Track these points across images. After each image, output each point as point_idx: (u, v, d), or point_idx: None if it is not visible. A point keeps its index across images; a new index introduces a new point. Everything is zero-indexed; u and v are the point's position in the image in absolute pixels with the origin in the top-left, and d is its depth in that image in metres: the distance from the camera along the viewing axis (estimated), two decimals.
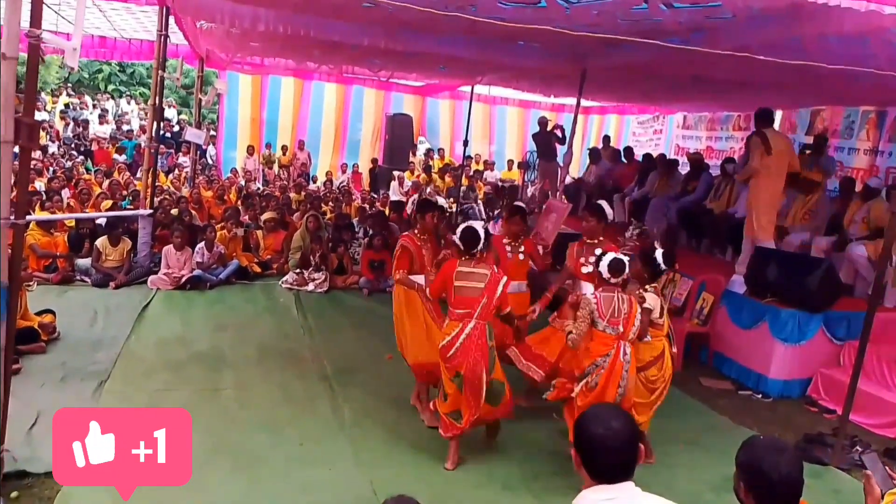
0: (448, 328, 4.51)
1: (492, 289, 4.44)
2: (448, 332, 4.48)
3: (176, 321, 7.23)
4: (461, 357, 4.41)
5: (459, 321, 4.44)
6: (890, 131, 9.46)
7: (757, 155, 6.78)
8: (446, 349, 4.45)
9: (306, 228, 9.35)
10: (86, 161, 14.98)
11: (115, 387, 5.40)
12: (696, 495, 4.46)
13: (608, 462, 1.94)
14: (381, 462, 4.57)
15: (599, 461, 1.94)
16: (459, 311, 4.45)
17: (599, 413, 2.05)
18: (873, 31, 4.51)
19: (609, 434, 1.93)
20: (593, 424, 1.97)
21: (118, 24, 10.50)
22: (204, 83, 13.23)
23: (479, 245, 4.53)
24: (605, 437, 1.93)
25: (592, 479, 1.94)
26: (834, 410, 5.94)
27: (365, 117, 16.53)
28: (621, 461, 1.94)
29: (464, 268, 4.50)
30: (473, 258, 4.53)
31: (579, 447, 1.98)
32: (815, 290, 6.33)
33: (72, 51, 3.81)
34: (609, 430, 1.94)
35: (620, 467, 1.94)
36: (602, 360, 4.27)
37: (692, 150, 13.21)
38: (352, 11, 6.46)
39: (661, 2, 4.93)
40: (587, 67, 8.39)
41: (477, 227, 4.58)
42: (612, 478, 1.92)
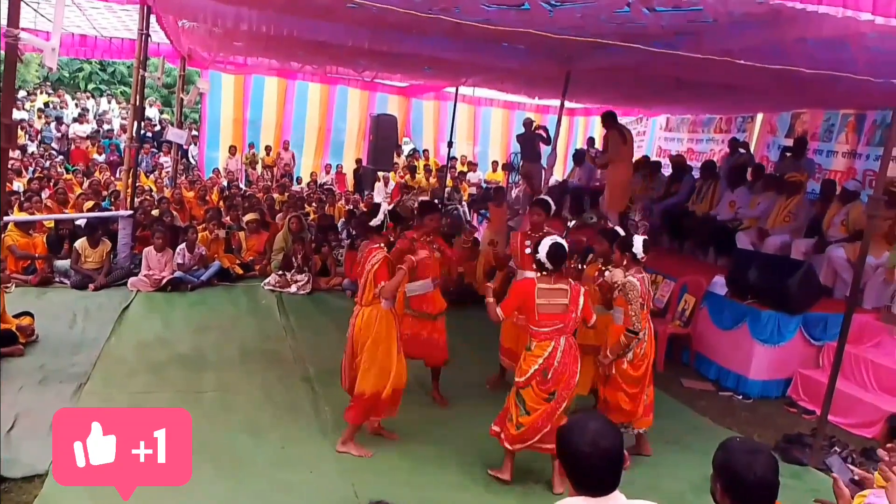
0: (538, 350, 4.30)
1: (575, 302, 4.32)
2: (539, 353, 4.28)
3: (157, 323, 7.17)
4: (559, 375, 4.27)
5: (550, 339, 4.29)
6: (868, 134, 9.57)
7: (616, 146, 8.80)
8: (542, 371, 4.26)
9: (289, 230, 9.30)
10: (65, 161, 14.82)
11: (95, 389, 5.35)
12: (679, 495, 4.51)
13: (594, 477, 1.93)
14: (363, 465, 4.55)
15: (585, 476, 1.93)
16: (547, 329, 4.29)
17: (584, 427, 2.00)
18: (852, 36, 4.57)
19: (596, 451, 1.92)
20: (579, 440, 1.94)
21: (98, 23, 10.39)
22: (186, 82, 13.13)
23: (565, 262, 4.43)
24: (592, 455, 1.91)
25: (576, 491, 1.94)
26: (813, 411, 6.00)
27: (349, 117, 16.48)
28: (607, 476, 1.94)
29: (544, 285, 4.30)
30: (553, 275, 4.34)
31: (564, 459, 1.97)
32: (795, 291, 6.40)
33: (51, 51, 3.77)
34: (595, 447, 1.92)
35: (607, 481, 1.94)
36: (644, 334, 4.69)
37: (674, 152, 13.31)
38: (336, 12, 6.44)
39: (644, 5, 4.96)
40: (571, 69, 8.42)
41: (564, 243, 4.39)
42: (599, 491, 1.92)
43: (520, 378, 4.36)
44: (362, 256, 4.85)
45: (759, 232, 7.92)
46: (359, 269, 4.84)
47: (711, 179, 9.26)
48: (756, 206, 8.27)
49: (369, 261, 4.64)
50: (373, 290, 4.61)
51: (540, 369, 4.26)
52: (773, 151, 11.27)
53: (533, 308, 4.29)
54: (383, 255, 4.64)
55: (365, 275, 4.65)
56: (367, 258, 4.69)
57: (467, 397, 5.74)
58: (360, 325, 4.67)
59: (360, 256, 4.93)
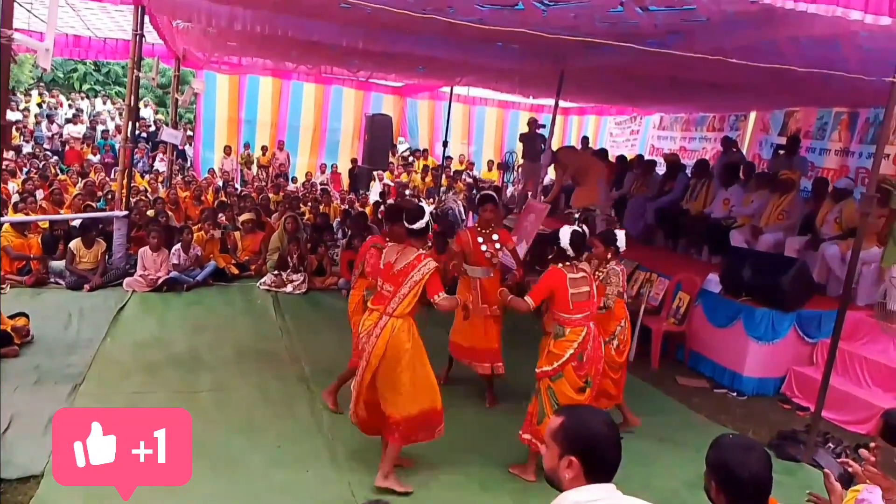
0: (572, 335, 4.37)
1: (594, 289, 4.54)
2: (574, 338, 4.35)
3: (152, 323, 7.16)
4: (592, 359, 4.41)
5: (583, 326, 4.39)
6: (861, 132, 9.62)
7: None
8: (577, 355, 4.34)
9: (284, 230, 9.30)
10: (59, 161, 14.78)
11: (90, 390, 5.34)
12: (673, 492, 4.53)
13: (608, 460, 1.94)
14: (358, 464, 4.55)
15: (600, 459, 1.93)
16: (579, 316, 4.39)
17: (590, 414, 2.04)
18: (844, 34, 4.61)
19: (612, 433, 1.95)
20: (593, 424, 1.96)
21: (93, 24, 10.37)
22: (180, 82, 13.11)
23: (585, 248, 4.60)
24: (609, 437, 1.94)
25: (586, 479, 1.93)
26: (807, 408, 6.03)
27: (344, 117, 16.47)
28: (616, 460, 1.95)
29: (572, 274, 4.40)
30: (575, 262, 4.46)
31: (578, 448, 1.94)
32: (789, 289, 6.44)
33: (44, 52, 3.77)
34: (610, 429, 1.96)
35: (614, 466, 1.95)
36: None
37: (667, 150, 13.35)
38: (330, 12, 6.45)
39: (637, 4, 4.99)
40: (565, 69, 8.45)
41: (582, 230, 4.52)
42: (608, 476, 1.93)
43: (548, 367, 4.37)
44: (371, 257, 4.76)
45: (752, 230, 7.95)
46: (372, 270, 4.60)
47: (705, 178, 9.30)
48: (749, 204, 8.31)
49: (417, 269, 4.11)
50: (413, 302, 4.15)
51: (575, 353, 4.34)
52: (766, 150, 11.33)
53: (567, 297, 4.36)
54: (434, 266, 4.15)
55: (411, 285, 4.11)
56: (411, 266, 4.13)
57: (459, 396, 5.75)
58: (391, 338, 4.11)
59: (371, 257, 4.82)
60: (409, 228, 4.22)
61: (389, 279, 4.20)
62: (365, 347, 4.21)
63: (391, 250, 4.32)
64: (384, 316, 4.16)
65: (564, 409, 2.11)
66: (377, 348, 4.12)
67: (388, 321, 4.13)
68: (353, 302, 5.30)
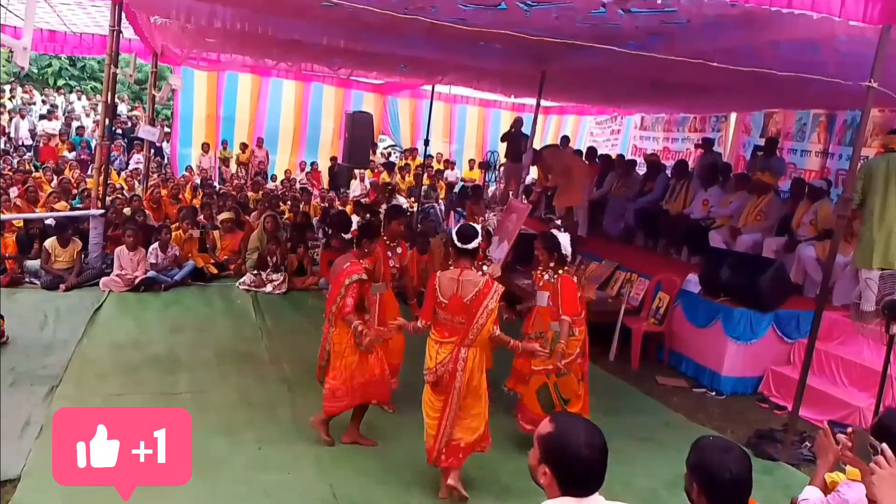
0: (580, 334, 4.95)
1: None
2: (581, 337, 4.94)
3: (130, 324, 7.07)
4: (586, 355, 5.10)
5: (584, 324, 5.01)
6: (839, 134, 9.76)
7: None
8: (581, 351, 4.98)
9: (264, 229, 9.22)
10: (34, 158, 14.54)
11: (67, 391, 5.27)
12: (652, 492, 4.56)
13: (582, 479, 1.93)
14: (340, 466, 4.53)
15: (574, 476, 1.93)
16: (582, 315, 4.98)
17: (576, 428, 2.00)
18: (823, 39, 4.67)
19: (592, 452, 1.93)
20: (577, 442, 1.94)
21: (69, 19, 10.21)
22: (158, 78, 12.93)
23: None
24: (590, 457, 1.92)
25: (563, 492, 1.94)
26: (784, 407, 6.10)
27: (324, 115, 16.36)
28: (600, 474, 1.94)
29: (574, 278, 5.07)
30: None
31: (554, 461, 1.94)
32: (766, 289, 6.50)
33: (22, 50, 3.70)
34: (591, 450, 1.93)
35: (598, 480, 1.94)
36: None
37: (649, 150, 13.44)
38: (311, 11, 6.40)
39: (619, 6, 5.01)
40: (547, 69, 8.47)
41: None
42: (585, 492, 1.93)
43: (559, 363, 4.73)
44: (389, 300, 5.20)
45: (731, 230, 8.03)
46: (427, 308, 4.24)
47: (684, 178, 9.37)
48: (728, 204, 8.39)
49: (490, 297, 4.05)
50: (491, 328, 4.11)
51: (581, 350, 4.91)
52: (748, 151, 11.45)
53: (577, 300, 4.89)
54: (501, 290, 4.18)
55: (487, 313, 4.06)
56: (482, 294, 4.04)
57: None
58: (475, 369, 4.13)
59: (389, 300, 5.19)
60: (462, 248, 4.19)
61: (460, 311, 4.09)
62: (444, 379, 4.12)
63: (446, 281, 4.15)
64: (462, 347, 4.10)
65: (559, 417, 2.10)
66: (468, 381, 4.11)
67: (467, 352, 4.10)
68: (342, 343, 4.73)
